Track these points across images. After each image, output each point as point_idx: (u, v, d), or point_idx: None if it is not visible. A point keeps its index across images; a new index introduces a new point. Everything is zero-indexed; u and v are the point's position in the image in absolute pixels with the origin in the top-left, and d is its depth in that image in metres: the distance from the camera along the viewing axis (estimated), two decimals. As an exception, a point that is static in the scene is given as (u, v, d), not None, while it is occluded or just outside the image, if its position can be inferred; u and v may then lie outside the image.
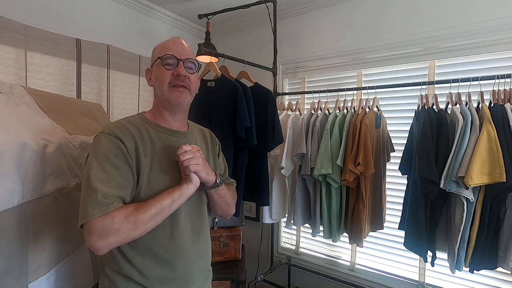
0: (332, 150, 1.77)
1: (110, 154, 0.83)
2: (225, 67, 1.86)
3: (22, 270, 0.89)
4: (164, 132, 0.97)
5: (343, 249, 2.25)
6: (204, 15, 2.31)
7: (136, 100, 2.19)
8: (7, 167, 0.85)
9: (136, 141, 0.89)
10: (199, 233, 0.99)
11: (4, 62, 1.50)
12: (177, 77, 0.93)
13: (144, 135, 0.92)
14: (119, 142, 0.86)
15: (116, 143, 0.85)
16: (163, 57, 0.93)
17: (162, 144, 0.94)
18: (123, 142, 0.86)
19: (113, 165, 0.83)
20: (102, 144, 0.85)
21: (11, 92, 1.03)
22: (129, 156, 0.86)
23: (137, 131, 0.91)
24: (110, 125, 0.90)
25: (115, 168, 0.83)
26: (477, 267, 1.44)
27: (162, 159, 0.92)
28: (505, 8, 1.61)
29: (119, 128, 0.89)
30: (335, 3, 2.17)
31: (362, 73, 2.13)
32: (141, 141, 0.90)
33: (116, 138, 0.86)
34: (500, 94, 1.46)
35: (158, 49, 0.98)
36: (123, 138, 0.87)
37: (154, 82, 0.97)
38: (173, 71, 0.93)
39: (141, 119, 0.97)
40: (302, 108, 2.35)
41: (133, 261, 0.87)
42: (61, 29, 1.78)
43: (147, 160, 0.89)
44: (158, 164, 0.91)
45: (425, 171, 1.44)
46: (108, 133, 0.87)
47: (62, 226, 1.03)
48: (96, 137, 0.88)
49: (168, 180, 0.91)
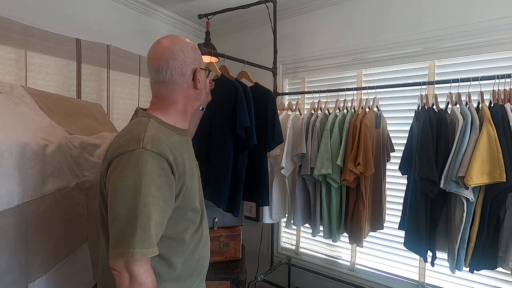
0: (332, 150, 1.77)
1: (162, 184, 0.78)
2: (225, 67, 1.86)
3: (22, 270, 0.89)
4: (182, 134, 0.96)
5: (343, 249, 2.25)
6: (204, 15, 2.31)
7: (136, 100, 2.19)
8: (7, 167, 0.85)
9: (173, 152, 0.83)
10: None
11: (4, 62, 1.50)
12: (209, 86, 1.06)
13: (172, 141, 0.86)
14: (165, 163, 0.79)
15: (162, 166, 0.78)
16: (207, 67, 0.99)
17: (184, 146, 0.94)
18: (169, 162, 0.80)
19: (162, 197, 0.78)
20: (147, 164, 0.75)
21: (11, 92, 1.03)
22: (173, 175, 0.81)
23: (167, 139, 0.85)
24: (148, 138, 0.79)
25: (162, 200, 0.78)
26: (477, 267, 1.44)
27: (188, 161, 0.91)
28: (505, 8, 1.61)
29: (160, 144, 0.80)
30: (335, 3, 2.17)
31: (362, 73, 2.13)
32: (174, 149, 0.84)
33: (162, 158, 0.78)
34: (500, 94, 1.46)
35: (197, 54, 0.96)
36: (170, 157, 0.80)
37: (203, 88, 0.98)
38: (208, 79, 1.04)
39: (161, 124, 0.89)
40: (302, 108, 2.35)
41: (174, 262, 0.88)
42: (61, 29, 1.78)
43: (183, 167, 0.86)
44: (189, 168, 0.90)
45: (425, 171, 1.44)
46: (158, 152, 0.78)
47: (62, 226, 1.03)
48: (131, 152, 0.77)
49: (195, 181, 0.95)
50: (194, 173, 0.95)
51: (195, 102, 0.98)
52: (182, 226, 0.89)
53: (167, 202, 0.80)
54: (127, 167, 0.76)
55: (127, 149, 0.77)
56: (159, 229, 0.78)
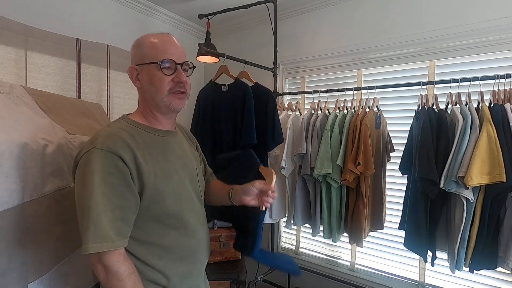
0: (332, 150, 1.77)
1: (113, 179, 0.78)
2: (225, 67, 1.86)
3: (22, 270, 0.89)
4: (158, 134, 0.93)
5: (343, 249, 2.25)
6: (204, 15, 2.31)
7: (136, 100, 2.17)
8: (7, 167, 0.85)
9: (134, 152, 0.81)
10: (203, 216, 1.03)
11: (4, 62, 1.50)
12: (177, 84, 0.89)
13: (139, 140, 0.86)
14: (119, 160, 0.78)
15: (116, 164, 0.78)
16: (162, 61, 0.86)
17: (160, 147, 0.91)
18: (124, 160, 0.79)
19: (117, 190, 0.78)
20: (99, 162, 0.77)
21: (11, 92, 1.03)
22: (131, 176, 0.80)
23: (130, 138, 0.84)
24: (101, 137, 0.81)
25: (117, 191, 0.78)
26: (477, 267, 1.44)
27: (162, 162, 0.89)
28: (505, 8, 1.61)
29: (115, 142, 0.80)
30: (335, 3, 2.17)
31: (362, 73, 2.13)
32: (137, 149, 0.83)
33: (115, 156, 0.78)
34: (500, 94, 1.46)
35: (149, 48, 0.89)
36: (123, 154, 0.79)
37: (148, 86, 0.89)
38: (172, 77, 0.88)
39: (130, 124, 0.90)
40: (302, 108, 2.35)
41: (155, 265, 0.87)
42: (61, 29, 1.78)
43: (149, 167, 0.84)
44: (160, 169, 0.87)
45: (425, 171, 1.44)
46: (109, 150, 0.78)
47: (62, 226, 1.03)
48: (87, 153, 0.79)
49: (173, 184, 0.89)
50: (172, 176, 0.90)
51: (152, 101, 0.91)
52: (158, 231, 0.87)
53: (125, 198, 0.79)
54: (81, 168, 0.80)
55: (85, 151, 0.81)
56: (119, 224, 0.78)
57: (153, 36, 0.91)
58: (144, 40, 0.91)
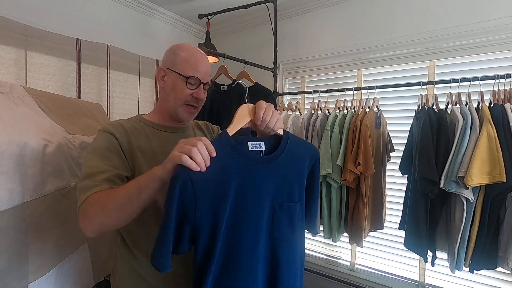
0: (332, 150, 1.77)
1: (103, 148, 0.85)
2: (224, 68, 1.86)
3: (22, 270, 0.89)
4: (160, 129, 0.98)
5: (343, 249, 2.25)
6: (204, 15, 2.31)
7: (136, 100, 2.19)
8: (7, 167, 0.85)
9: (129, 137, 0.89)
10: None
11: (4, 62, 1.50)
12: (194, 99, 0.95)
13: (141, 132, 0.94)
14: (112, 137, 0.87)
15: (108, 138, 0.86)
16: (190, 77, 0.93)
17: (159, 141, 0.95)
18: (116, 137, 0.87)
19: (104, 156, 0.84)
20: (95, 140, 0.88)
21: (11, 92, 1.03)
22: (121, 151, 0.87)
23: (132, 128, 0.93)
24: (107, 124, 0.93)
25: (106, 159, 0.84)
26: (477, 267, 1.44)
27: (158, 155, 0.90)
28: (505, 8, 1.61)
29: (113, 125, 0.91)
30: (335, 3, 2.17)
31: (362, 73, 2.13)
32: (135, 137, 0.90)
33: (109, 134, 0.87)
34: (500, 94, 1.46)
35: (182, 60, 0.94)
36: (116, 133, 0.88)
37: (169, 90, 0.96)
38: (193, 92, 0.94)
39: (137, 119, 0.98)
40: (302, 108, 2.35)
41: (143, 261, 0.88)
42: (61, 29, 1.77)
43: (142, 157, 0.89)
44: (154, 161, 0.87)
45: (425, 171, 1.44)
46: (103, 129, 0.89)
47: (62, 226, 1.03)
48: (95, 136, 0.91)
49: None
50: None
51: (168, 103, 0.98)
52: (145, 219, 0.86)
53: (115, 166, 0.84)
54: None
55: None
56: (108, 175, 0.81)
57: (189, 49, 0.97)
58: (179, 50, 0.97)
